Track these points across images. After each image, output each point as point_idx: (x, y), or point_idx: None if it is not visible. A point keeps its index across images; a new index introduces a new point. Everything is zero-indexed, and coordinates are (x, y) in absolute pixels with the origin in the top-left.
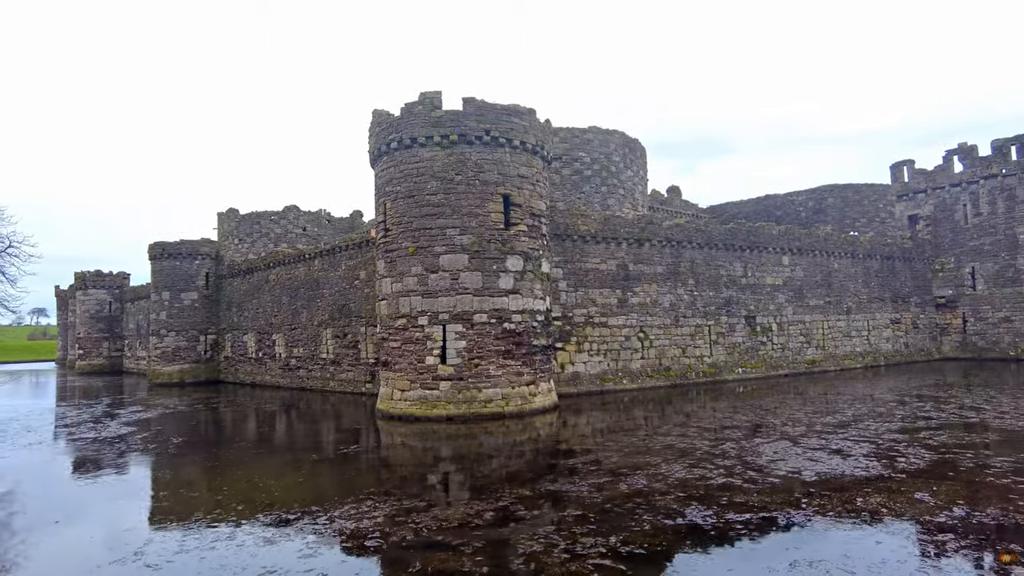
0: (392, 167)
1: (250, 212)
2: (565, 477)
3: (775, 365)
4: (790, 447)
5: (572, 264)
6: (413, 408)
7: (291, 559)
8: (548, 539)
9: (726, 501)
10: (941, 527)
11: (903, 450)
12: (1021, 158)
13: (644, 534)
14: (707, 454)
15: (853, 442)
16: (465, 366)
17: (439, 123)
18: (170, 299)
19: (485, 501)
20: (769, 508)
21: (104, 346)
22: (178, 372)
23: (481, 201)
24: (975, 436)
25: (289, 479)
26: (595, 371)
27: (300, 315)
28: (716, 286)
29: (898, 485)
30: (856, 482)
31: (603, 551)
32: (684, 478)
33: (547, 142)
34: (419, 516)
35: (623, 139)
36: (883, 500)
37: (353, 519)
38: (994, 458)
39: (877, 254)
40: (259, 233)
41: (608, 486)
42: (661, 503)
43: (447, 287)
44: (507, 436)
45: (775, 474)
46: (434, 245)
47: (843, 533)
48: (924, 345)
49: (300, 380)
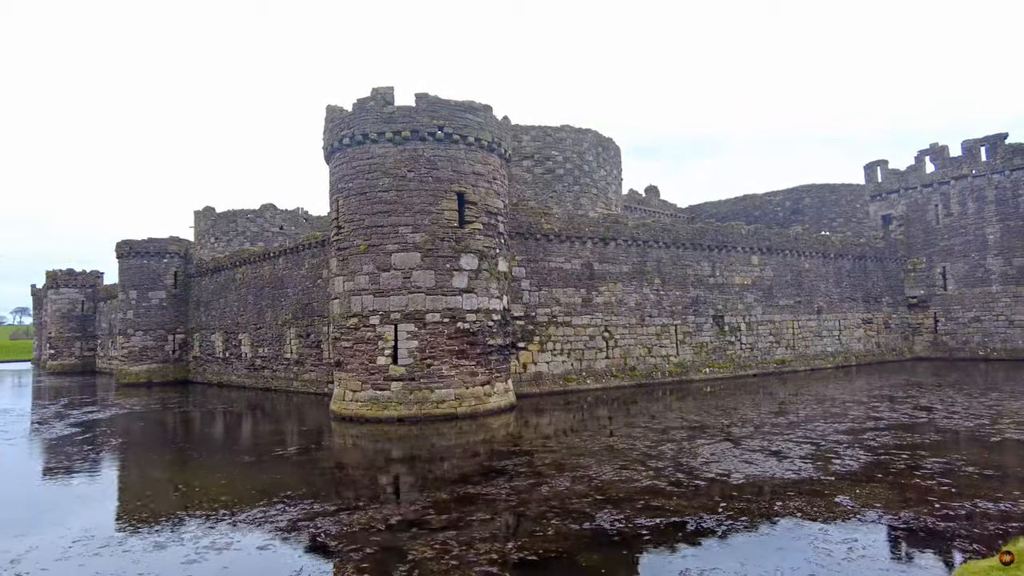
0: (344, 163)
1: (227, 210)
2: (490, 479)
3: (743, 365)
4: (730, 448)
5: (535, 263)
6: (364, 409)
7: (174, 566)
8: (444, 545)
9: (642, 505)
10: (848, 533)
11: (842, 452)
12: (990, 159)
13: (544, 539)
14: (643, 455)
15: (795, 443)
16: (417, 366)
17: (391, 119)
18: (137, 298)
19: (399, 505)
20: (683, 513)
21: (76, 346)
22: (146, 372)
23: (434, 198)
24: (918, 437)
25: (212, 481)
26: (558, 371)
27: (265, 314)
28: (683, 286)
29: (823, 488)
30: (782, 485)
31: (494, 558)
32: (610, 480)
33: (504, 139)
34: (323, 520)
35: (596, 138)
36: (802, 504)
37: (255, 523)
38: (928, 459)
39: (849, 254)
40: (236, 231)
41: (529, 489)
42: (576, 506)
43: (399, 286)
44: (454, 438)
45: (703, 476)
46: (386, 243)
47: (747, 540)
48: (896, 345)
49: (265, 380)
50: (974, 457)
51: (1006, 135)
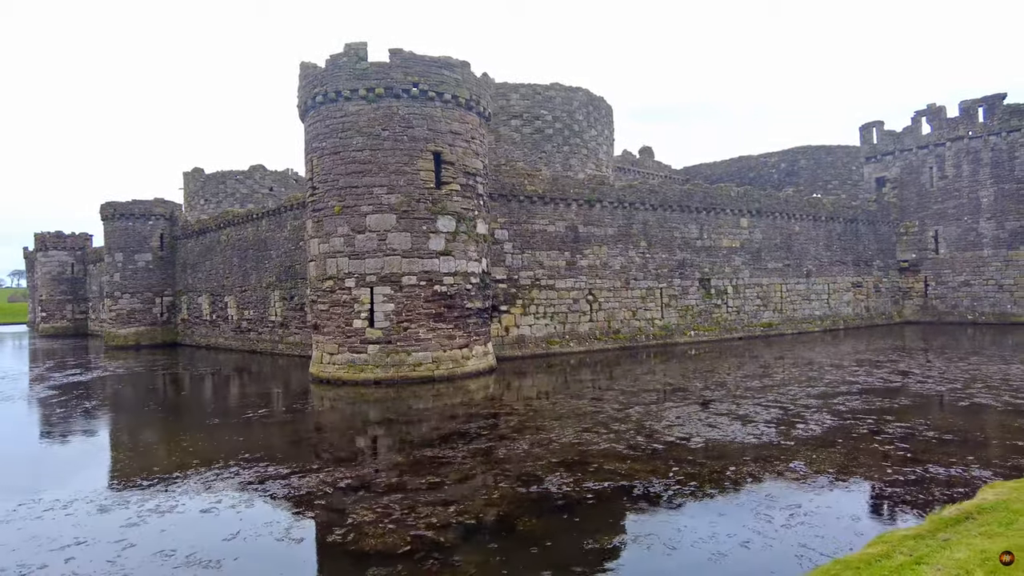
0: (318, 122)
1: (216, 172)
2: (450, 443)
3: (729, 328)
4: (698, 412)
5: (518, 226)
6: (341, 372)
7: (111, 529)
8: (386, 508)
9: (595, 468)
10: (794, 499)
11: (809, 416)
12: (987, 120)
13: (488, 503)
14: (609, 418)
15: (764, 407)
16: (394, 329)
17: (364, 75)
18: (123, 261)
19: (353, 467)
20: (634, 477)
21: (68, 308)
22: (134, 335)
23: (410, 158)
24: (888, 401)
25: (175, 444)
26: (541, 334)
27: (250, 277)
28: (670, 248)
29: (780, 453)
30: (740, 450)
31: (433, 522)
32: (570, 443)
33: (484, 97)
34: (274, 483)
35: (587, 97)
36: (755, 469)
37: (206, 486)
38: (892, 424)
39: (840, 217)
40: (225, 193)
41: (487, 452)
42: (528, 469)
43: (374, 248)
44: (428, 401)
45: (663, 440)
46: (360, 204)
47: (691, 505)
48: (886, 309)
49: (251, 343)
50: (938, 422)
51: (1004, 95)
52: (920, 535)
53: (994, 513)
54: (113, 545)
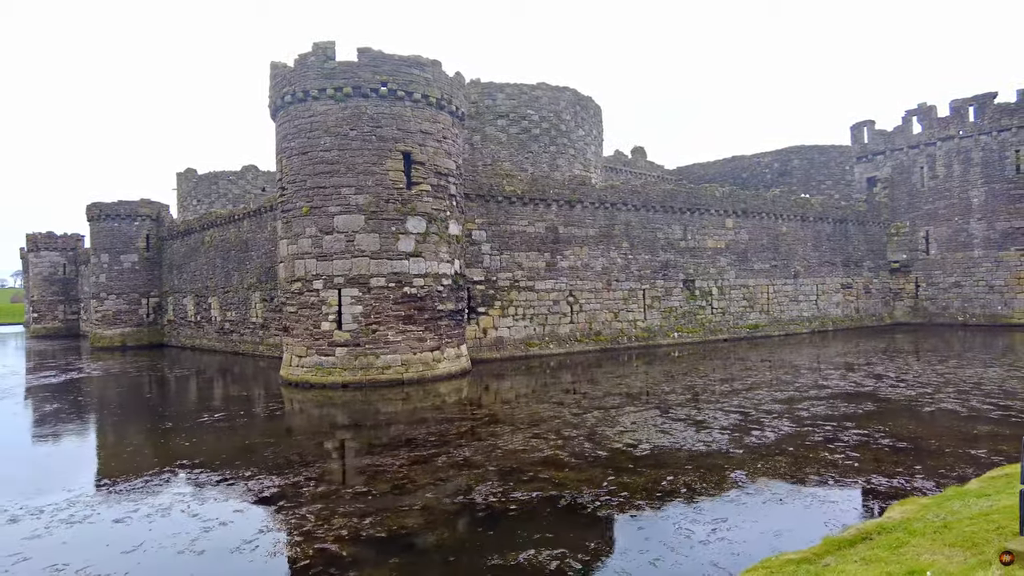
0: (287, 122)
1: (208, 172)
2: (393, 449)
3: (714, 330)
4: (656, 417)
5: (497, 226)
6: (309, 375)
7: (13, 542)
8: (302, 520)
9: (529, 477)
10: (722, 512)
11: (768, 422)
12: (978, 119)
13: (407, 514)
14: (565, 423)
15: (725, 412)
16: (362, 331)
17: (332, 75)
18: (109, 261)
19: (285, 475)
20: (566, 487)
21: (59, 309)
22: (119, 336)
23: (378, 158)
24: (853, 407)
25: (118, 449)
26: (520, 336)
27: (232, 278)
28: (653, 249)
29: (725, 462)
30: (686, 458)
31: (343, 534)
32: (514, 450)
33: (456, 96)
34: (200, 491)
35: (574, 96)
36: (694, 479)
37: (130, 494)
38: (849, 431)
39: (830, 217)
40: (217, 193)
41: (426, 459)
42: (461, 478)
43: (342, 249)
44: (391, 405)
45: (610, 447)
46: (328, 205)
47: (614, 518)
48: (876, 310)
49: (234, 344)
50: (897, 428)
51: (995, 94)
52: (805, 559)
53: (890, 535)
54: (5, 560)
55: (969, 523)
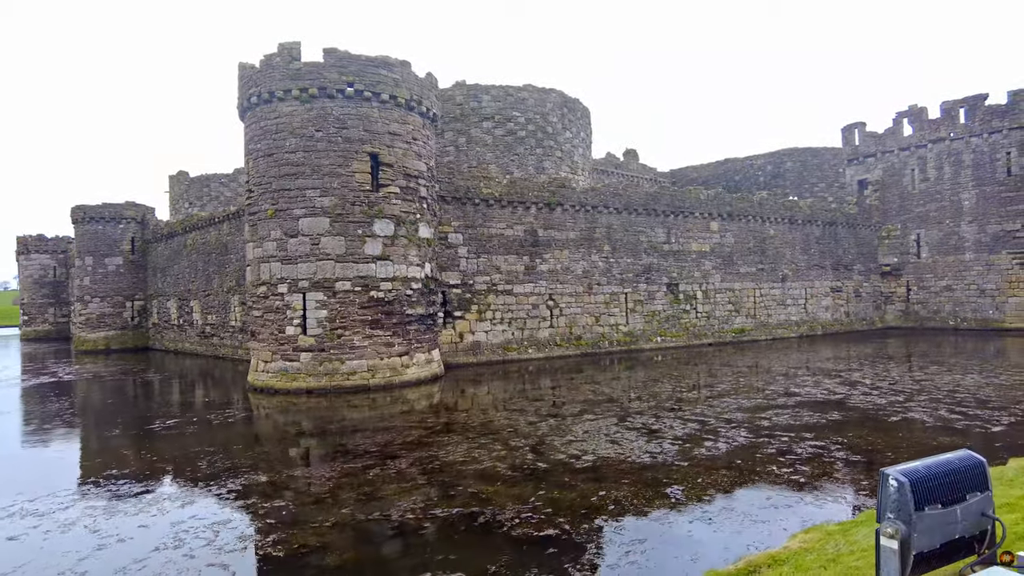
0: (254, 124)
1: (200, 175)
2: (329, 460)
3: (698, 334)
4: (611, 426)
5: (474, 229)
6: (274, 380)
7: None
8: (203, 538)
9: (458, 491)
10: (644, 531)
11: (724, 432)
12: (969, 121)
13: (318, 531)
14: (515, 432)
15: (683, 421)
16: (327, 336)
17: (297, 76)
18: (93, 264)
19: (208, 487)
20: (489, 503)
21: (50, 312)
22: (103, 339)
23: (344, 160)
24: (818, 416)
25: (55, 459)
26: (498, 340)
27: (212, 281)
28: (635, 253)
29: (666, 475)
30: (627, 471)
31: (240, 555)
32: (452, 461)
33: (427, 97)
34: (114, 504)
35: (561, 98)
36: (626, 494)
37: (43, 507)
38: (805, 443)
39: (819, 220)
40: (209, 196)
41: (360, 471)
42: (387, 493)
43: (307, 252)
44: (352, 411)
45: (552, 459)
46: (293, 207)
47: (530, 537)
48: (867, 314)
49: (214, 348)
50: (856, 440)
51: (986, 96)
52: None
53: (778, 567)
54: None
55: (860, 555)
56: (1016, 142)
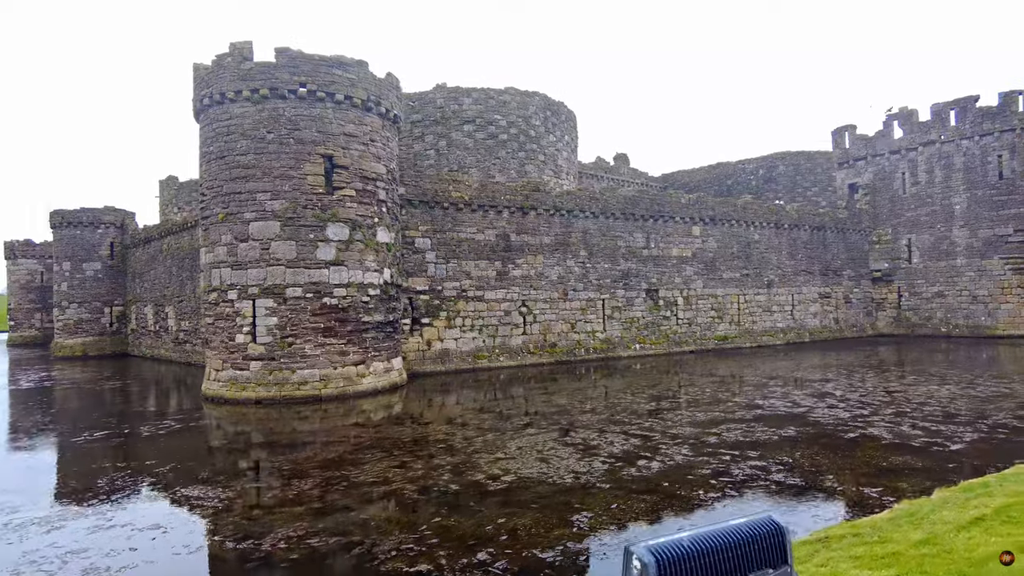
0: (207, 125)
1: (189, 179)
2: (237, 477)
3: (679, 341)
4: (549, 441)
5: (443, 234)
6: (223, 389)
7: None
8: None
9: (349, 516)
10: (526, 570)
11: (664, 449)
12: (960, 124)
13: (175, 555)
14: (445, 448)
15: (626, 436)
16: (278, 345)
17: (249, 76)
18: (71, 269)
19: (100, 508)
20: (379, 531)
21: (37, 317)
22: (81, 345)
23: (296, 162)
24: (772, 432)
25: None
26: (468, 348)
27: (186, 287)
28: (613, 258)
29: (582, 500)
30: (544, 493)
31: None
32: (361, 482)
33: (387, 97)
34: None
35: (544, 101)
36: (529, 522)
37: None
38: (748, 461)
39: (806, 224)
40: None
41: (259, 491)
42: (273, 518)
43: (257, 258)
44: (297, 423)
45: (468, 479)
46: (244, 211)
47: (394, 571)
48: (857, 321)
49: (187, 354)
50: (802, 460)
51: (977, 97)
52: None
53: None
54: None
55: None
56: (1007, 145)
